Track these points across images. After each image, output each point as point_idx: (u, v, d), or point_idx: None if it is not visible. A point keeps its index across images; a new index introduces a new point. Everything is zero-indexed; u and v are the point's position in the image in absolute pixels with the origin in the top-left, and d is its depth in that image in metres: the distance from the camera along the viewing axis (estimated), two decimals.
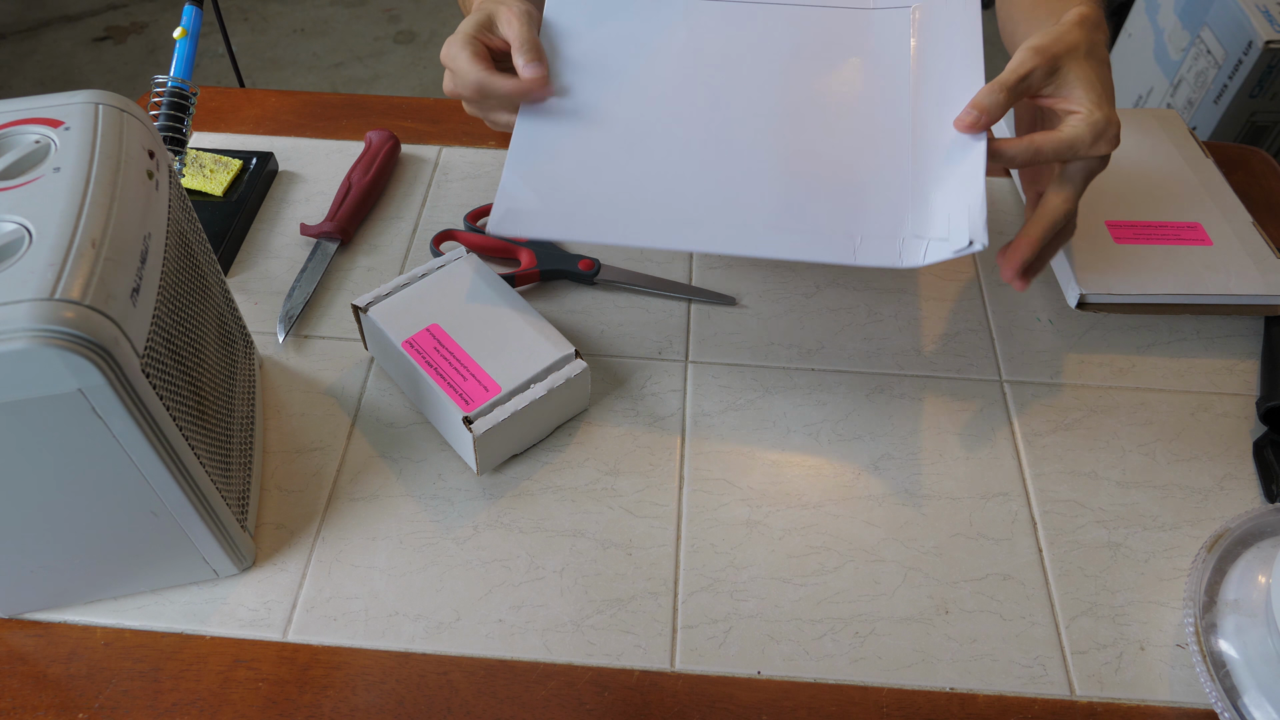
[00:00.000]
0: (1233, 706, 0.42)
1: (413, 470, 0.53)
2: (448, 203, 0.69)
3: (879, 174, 0.52)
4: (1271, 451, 0.54)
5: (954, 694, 0.45)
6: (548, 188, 0.52)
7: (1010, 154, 0.49)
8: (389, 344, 0.54)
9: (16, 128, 0.41)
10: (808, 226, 0.50)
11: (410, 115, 0.77)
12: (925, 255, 0.48)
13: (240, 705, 0.44)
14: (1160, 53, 1.64)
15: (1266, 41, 1.35)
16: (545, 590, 0.48)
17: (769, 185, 0.52)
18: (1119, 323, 0.62)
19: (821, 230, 0.50)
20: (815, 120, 0.55)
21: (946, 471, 0.54)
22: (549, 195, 0.51)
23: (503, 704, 0.44)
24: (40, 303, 0.34)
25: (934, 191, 0.50)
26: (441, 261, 0.58)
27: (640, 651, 0.46)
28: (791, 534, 0.51)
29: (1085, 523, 0.52)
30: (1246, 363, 0.60)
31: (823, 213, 0.51)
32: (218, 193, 0.67)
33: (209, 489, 0.43)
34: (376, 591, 0.48)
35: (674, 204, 0.51)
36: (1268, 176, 0.73)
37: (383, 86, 2.18)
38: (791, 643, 0.47)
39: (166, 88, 0.62)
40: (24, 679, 0.45)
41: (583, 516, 0.51)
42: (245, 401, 0.53)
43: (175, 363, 0.42)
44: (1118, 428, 0.56)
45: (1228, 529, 0.47)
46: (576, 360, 0.53)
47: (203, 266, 0.49)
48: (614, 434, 0.55)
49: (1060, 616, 0.48)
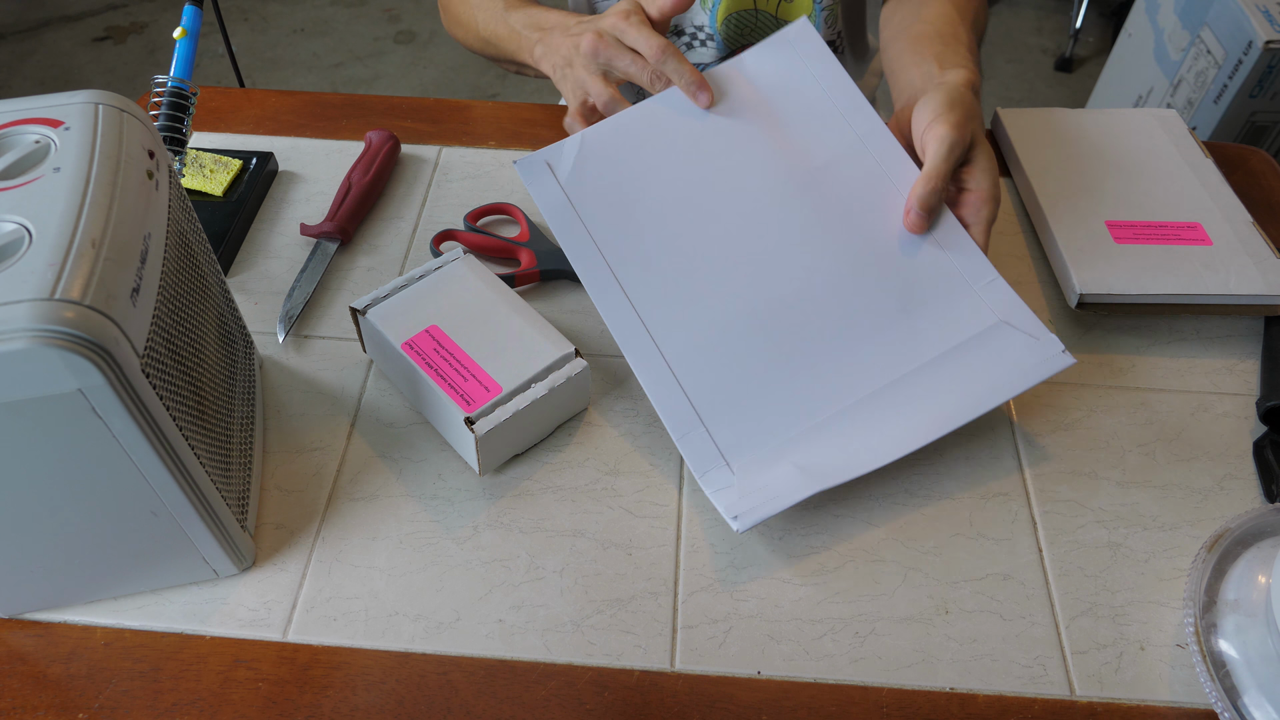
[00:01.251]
0: (1233, 706, 0.42)
1: (413, 470, 0.53)
2: (448, 203, 0.69)
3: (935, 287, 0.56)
4: (1271, 451, 0.54)
5: (954, 694, 0.45)
6: (743, 465, 0.51)
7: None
8: (388, 346, 0.54)
9: (16, 128, 0.41)
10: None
11: (410, 115, 0.77)
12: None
13: (240, 705, 0.44)
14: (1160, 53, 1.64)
15: (1266, 41, 1.35)
16: (545, 590, 0.48)
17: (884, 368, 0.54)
18: (1119, 323, 0.62)
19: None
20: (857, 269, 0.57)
21: (946, 471, 0.54)
22: (765, 483, 0.50)
23: (503, 704, 0.44)
24: (40, 303, 0.34)
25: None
26: (439, 262, 0.58)
27: (640, 651, 0.46)
28: (791, 534, 0.51)
29: (1085, 523, 0.52)
30: (1246, 363, 0.60)
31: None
32: (218, 193, 0.67)
33: (209, 489, 0.43)
34: (376, 591, 0.48)
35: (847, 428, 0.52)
36: (1268, 176, 0.73)
37: (383, 86, 2.19)
38: (791, 643, 0.47)
39: (166, 88, 0.62)
40: (24, 679, 0.45)
41: (583, 516, 0.51)
42: (245, 401, 0.53)
43: (175, 363, 0.42)
44: (1118, 428, 0.56)
45: (1228, 529, 0.47)
46: (577, 359, 0.53)
47: (203, 266, 0.49)
48: (614, 434, 0.55)
49: (1060, 616, 0.48)
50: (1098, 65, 2.24)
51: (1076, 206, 0.65)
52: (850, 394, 0.52)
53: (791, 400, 0.52)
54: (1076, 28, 2.27)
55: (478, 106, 0.78)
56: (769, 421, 0.52)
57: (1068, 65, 2.26)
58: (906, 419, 0.51)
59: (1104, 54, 2.22)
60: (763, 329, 0.54)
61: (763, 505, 0.49)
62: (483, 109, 0.78)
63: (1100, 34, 2.34)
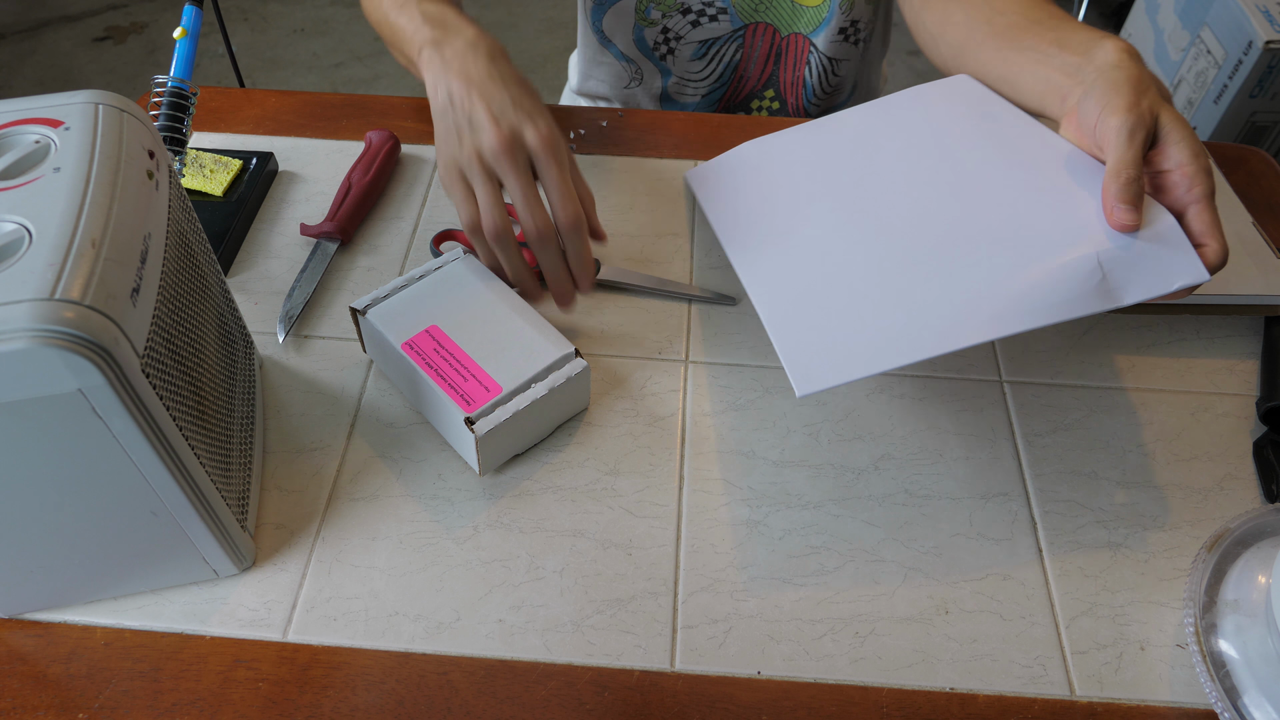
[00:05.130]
0: (1233, 706, 0.42)
1: (413, 470, 0.53)
2: (447, 203, 0.69)
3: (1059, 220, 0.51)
4: (1271, 451, 0.54)
5: (954, 694, 0.45)
6: (819, 340, 0.51)
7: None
8: (388, 346, 0.54)
9: (16, 128, 0.41)
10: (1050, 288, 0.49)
11: (410, 115, 0.77)
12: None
13: (240, 705, 0.44)
14: (1160, 53, 1.64)
15: (1266, 41, 1.35)
16: (545, 590, 0.48)
17: (990, 260, 0.51)
18: (1119, 323, 0.62)
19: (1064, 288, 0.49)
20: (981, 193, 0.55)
21: (946, 471, 0.54)
22: (826, 347, 0.50)
23: (503, 704, 0.44)
24: (40, 303, 0.34)
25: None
26: (439, 263, 0.58)
27: (640, 651, 0.46)
28: (791, 534, 0.51)
29: (1085, 523, 0.52)
30: (1246, 363, 0.60)
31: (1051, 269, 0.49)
32: (218, 193, 0.67)
33: (209, 489, 0.43)
34: (376, 591, 0.48)
35: (929, 312, 0.50)
36: (1268, 176, 0.73)
37: (383, 86, 2.19)
38: (791, 643, 0.47)
39: (166, 88, 0.62)
40: (24, 679, 0.45)
41: (583, 516, 0.51)
42: (245, 401, 0.53)
43: (175, 363, 0.42)
44: (1118, 428, 0.56)
45: (1228, 529, 0.47)
46: (577, 359, 0.53)
47: (203, 266, 0.49)
48: (614, 434, 0.55)
49: (1060, 616, 0.48)
50: None
51: None
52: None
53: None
54: None
55: None
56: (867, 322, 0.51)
57: None
58: (1001, 301, 0.48)
59: None
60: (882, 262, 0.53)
61: (830, 371, 0.48)
62: None
63: None
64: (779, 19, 0.82)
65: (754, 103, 0.90)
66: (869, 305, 0.51)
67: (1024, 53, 0.57)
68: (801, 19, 0.81)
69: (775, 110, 0.89)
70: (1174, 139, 0.48)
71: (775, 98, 0.88)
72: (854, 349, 0.49)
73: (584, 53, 0.89)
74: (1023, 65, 0.57)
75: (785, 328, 0.52)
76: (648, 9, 0.81)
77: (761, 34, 0.83)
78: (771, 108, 0.89)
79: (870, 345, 0.49)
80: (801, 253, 0.56)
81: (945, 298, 0.49)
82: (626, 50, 0.85)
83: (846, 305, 0.51)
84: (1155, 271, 0.47)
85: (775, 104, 0.89)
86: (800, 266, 0.55)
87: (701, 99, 0.89)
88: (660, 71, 0.87)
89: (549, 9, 2.46)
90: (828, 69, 0.84)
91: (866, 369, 0.48)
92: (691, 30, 0.82)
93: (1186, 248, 0.47)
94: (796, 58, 0.84)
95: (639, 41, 0.84)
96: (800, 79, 0.86)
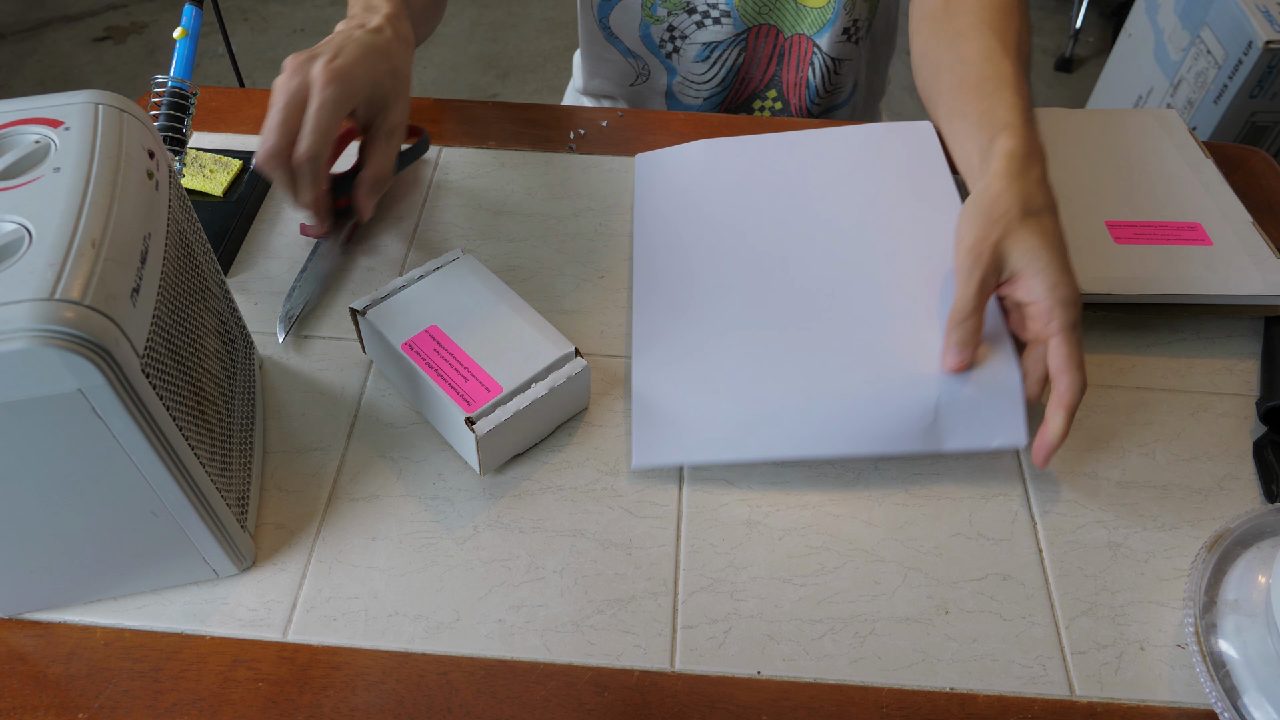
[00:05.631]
0: (1233, 706, 0.42)
1: (413, 470, 0.53)
2: (447, 203, 0.69)
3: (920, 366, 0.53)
4: (1271, 451, 0.54)
5: (954, 694, 0.45)
6: (672, 421, 0.54)
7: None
8: (388, 346, 0.54)
9: (16, 128, 0.41)
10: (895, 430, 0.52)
11: (410, 115, 0.77)
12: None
13: (240, 705, 0.44)
14: (1160, 53, 1.64)
15: (1266, 41, 1.35)
16: (545, 590, 0.48)
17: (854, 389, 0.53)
18: (1119, 323, 0.62)
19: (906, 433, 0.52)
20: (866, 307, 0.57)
21: (946, 471, 0.54)
22: (676, 431, 0.53)
23: (503, 704, 0.44)
24: (40, 303, 0.34)
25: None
26: (439, 262, 0.58)
27: (640, 651, 0.46)
28: (791, 534, 0.51)
29: (1085, 523, 0.52)
30: (1246, 363, 0.60)
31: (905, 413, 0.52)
32: (218, 193, 0.67)
33: (209, 489, 0.43)
34: (376, 591, 0.48)
35: (779, 417, 0.53)
36: (1268, 176, 0.73)
37: None
38: (791, 643, 0.47)
39: (166, 88, 0.62)
40: (24, 679, 0.45)
41: (583, 516, 0.51)
42: (245, 401, 0.53)
43: (175, 363, 0.42)
44: (1118, 428, 0.56)
45: (1228, 529, 0.47)
46: (577, 359, 0.53)
47: (203, 266, 0.49)
48: (614, 434, 0.55)
49: (1060, 616, 0.48)
50: (1098, 65, 2.24)
51: (1076, 206, 0.64)
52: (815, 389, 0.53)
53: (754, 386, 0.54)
54: (1076, 28, 2.27)
55: (477, 106, 0.78)
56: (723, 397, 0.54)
57: (1068, 65, 2.26)
58: (854, 427, 0.52)
59: (1104, 54, 2.22)
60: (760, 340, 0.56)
61: (672, 452, 0.52)
62: (482, 109, 0.78)
63: (1100, 34, 2.35)
64: (782, 20, 0.82)
65: (756, 103, 0.89)
66: (728, 392, 0.54)
67: (961, 120, 0.59)
68: (805, 20, 0.81)
69: (778, 110, 0.89)
70: (1032, 271, 0.49)
71: (778, 98, 0.88)
72: (700, 437, 0.53)
73: (588, 50, 0.89)
74: (956, 132, 0.59)
75: (646, 400, 0.55)
76: (654, 6, 0.81)
77: (764, 35, 0.83)
78: (774, 108, 0.89)
79: (715, 437, 0.53)
80: (692, 306, 0.58)
81: (797, 405, 0.53)
82: (633, 46, 0.85)
83: (708, 386, 0.54)
84: (980, 426, 0.51)
85: (778, 104, 0.89)
86: (685, 323, 0.58)
87: (704, 101, 0.89)
88: (666, 69, 0.87)
89: (549, 9, 2.46)
90: (830, 69, 0.84)
91: (705, 457, 0.53)
92: (696, 30, 0.82)
93: (1017, 411, 0.51)
94: (800, 59, 0.84)
95: (645, 38, 0.84)
96: (804, 80, 0.86)
